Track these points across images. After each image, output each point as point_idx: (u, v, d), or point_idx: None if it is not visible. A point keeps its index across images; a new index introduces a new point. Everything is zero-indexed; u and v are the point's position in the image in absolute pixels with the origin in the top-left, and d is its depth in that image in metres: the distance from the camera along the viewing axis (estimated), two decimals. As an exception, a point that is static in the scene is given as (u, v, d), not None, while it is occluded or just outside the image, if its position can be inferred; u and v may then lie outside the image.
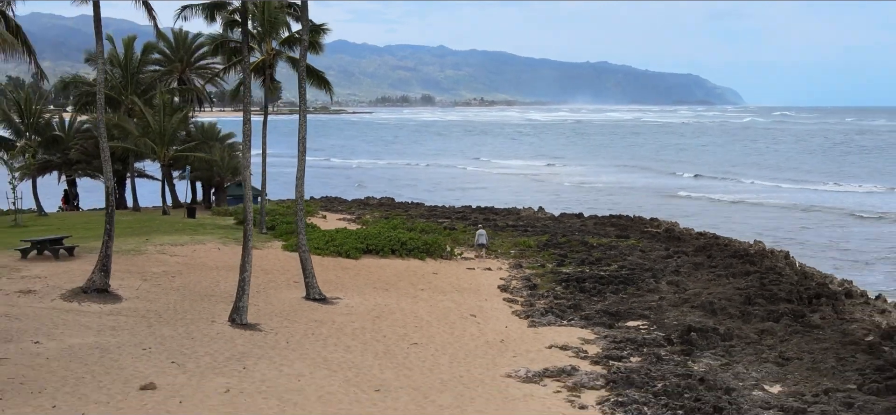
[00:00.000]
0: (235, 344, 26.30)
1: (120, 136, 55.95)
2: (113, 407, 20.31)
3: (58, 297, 29.57)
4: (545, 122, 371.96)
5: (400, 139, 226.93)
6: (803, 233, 64.21)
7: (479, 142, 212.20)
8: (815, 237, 61.68)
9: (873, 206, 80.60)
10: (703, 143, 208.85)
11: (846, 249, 56.88)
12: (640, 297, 37.37)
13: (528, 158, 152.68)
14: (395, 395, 22.77)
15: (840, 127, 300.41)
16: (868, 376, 26.62)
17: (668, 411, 22.87)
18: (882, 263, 52.38)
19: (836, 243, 59.30)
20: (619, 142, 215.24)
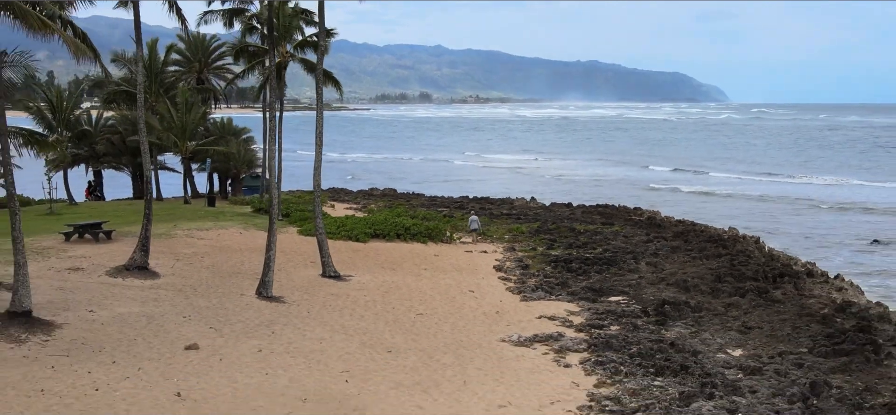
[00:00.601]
0: (263, 313, 28.70)
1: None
2: (164, 363, 22.71)
3: (103, 273, 31.92)
4: (534, 118, 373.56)
5: (396, 135, 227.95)
6: (774, 221, 66.50)
7: (471, 137, 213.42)
8: (785, 226, 63.89)
9: (835, 196, 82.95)
10: (679, 138, 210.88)
11: (811, 236, 59.24)
12: (621, 276, 39.74)
13: (515, 152, 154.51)
14: (405, 355, 25.21)
15: (813, 123, 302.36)
16: (819, 342, 29.08)
17: (641, 369, 25.34)
18: (844, 248, 54.76)
19: (804, 231, 61.61)
20: (602, 137, 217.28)
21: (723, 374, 25.31)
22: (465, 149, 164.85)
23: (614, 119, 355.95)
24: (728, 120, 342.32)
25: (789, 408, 22.54)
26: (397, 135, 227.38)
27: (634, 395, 23.23)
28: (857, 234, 60.21)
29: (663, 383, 24.29)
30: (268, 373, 22.65)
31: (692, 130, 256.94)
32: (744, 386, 24.35)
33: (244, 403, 20.38)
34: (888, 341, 29.38)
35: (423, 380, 23.18)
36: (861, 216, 69.43)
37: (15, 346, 22.85)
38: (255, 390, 21.27)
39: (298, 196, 61.55)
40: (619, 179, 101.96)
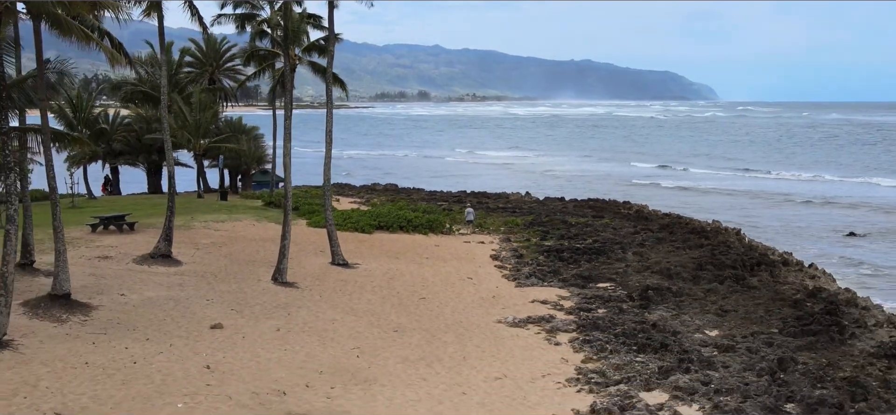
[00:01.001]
0: (279, 297, 30.42)
1: (160, 128, 59.70)
2: (192, 340, 24.44)
3: (130, 261, 33.61)
4: (525, 116, 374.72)
5: (392, 133, 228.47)
6: (756, 215, 68.16)
7: (465, 135, 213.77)
8: (766, 219, 65.46)
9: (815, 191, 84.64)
10: (666, 135, 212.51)
11: (791, 229, 60.94)
12: (609, 264, 41.47)
13: (506, 149, 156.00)
14: (410, 334, 26.96)
15: (795, 120, 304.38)
16: (788, 323, 30.87)
17: (624, 347, 27.11)
18: (822, 240, 56.42)
19: (784, 223, 63.36)
20: (590, 134, 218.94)
21: (699, 351, 27.07)
22: (459, 146, 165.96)
23: (603, 116, 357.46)
24: (713, 118, 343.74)
25: (757, 381, 24.29)
26: (393, 132, 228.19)
27: (618, 369, 24.98)
28: (835, 227, 61.86)
29: (644, 359, 26.05)
30: (286, 349, 24.39)
31: (678, 127, 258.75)
32: (718, 362, 26.12)
33: (267, 374, 22.10)
34: (853, 323, 31.21)
35: (427, 355, 24.93)
36: (839, 210, 71.11)
37: (58, 324, 24.57)
38: (275, 364, 23.00)
39: (305, 191, 63.12)
40: (606, 175, 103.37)
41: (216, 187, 65.37)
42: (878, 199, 78.08)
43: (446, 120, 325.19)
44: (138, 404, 19.52)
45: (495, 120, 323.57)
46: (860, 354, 27.65)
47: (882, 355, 27.27)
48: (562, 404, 21.75)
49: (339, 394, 21.21)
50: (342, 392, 21.36)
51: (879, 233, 59.41)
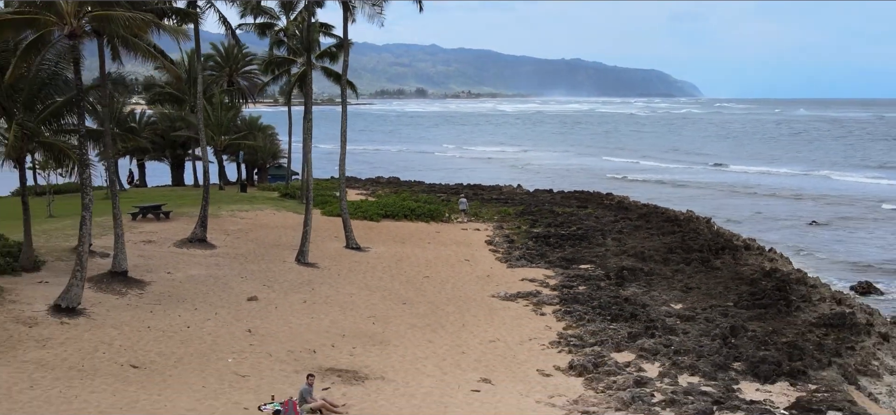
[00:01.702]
0: (303, 275, 33.53)
1: (184, 127, 62.69)
2: (234, 310, 27.57)
3: (171, 245, 36.65)
4: (512, 112, 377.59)
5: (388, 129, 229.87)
6: (727, 205, 71.01)
7: (456, 131, 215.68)
8: (736, 210, 68.45)
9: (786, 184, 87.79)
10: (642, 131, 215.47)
11: (758, 218, 63.90)
12: (590, 248, 44.55)
13: (492, 144, 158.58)
14: (417, 305, 30.12)
15: (766, 117, 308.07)
16: (743, 298, 34.11)
17: (600, 317, 30.29)
18: (786, 228, 59.36)
19: (753, 213, 66.36)
20: (572, 130, 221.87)
21: (664, 320, 30.28)
22: (451, 141, 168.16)
23: (587, 113, 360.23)
24: (688, 114, 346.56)
25: (711, 344, 27.49)
26: (389, 128, 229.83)
27: (593, 335, 28.16)
28: (799, 216, 64.87)
29: (616, 327, 29.22)
30: (313, 317, 27.54)
31: (656, 123, 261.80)
32: (679, 329, 29.32)
33: (298, 337, 25.25)
34: (800, 298, 34.45)
35: (432, 323, 28.09)
36: (804, 202, 73.84)
37: (119, 297, 27.68)
38: (305, 329, 26.15)
39: (316, 182, 65.97)
40: (587, 169, 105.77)
41: (234, 180, 68.29)
42: (840, 190, 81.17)
43: (439, 116, 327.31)
44: (196, 358, 22.67)
45: (485, 116, 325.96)
46: (802, 323, 30.91)
47: (821, 325, 30.56)
48: (545, 362, 24.91)
49: (360, 352, 24.37)
50: (362, 351, 24.52)
51: (840, 221, 62.57)
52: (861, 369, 26.81)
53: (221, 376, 21.55)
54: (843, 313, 31.77)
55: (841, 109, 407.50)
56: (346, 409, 19.84)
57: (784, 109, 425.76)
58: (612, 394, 22.48)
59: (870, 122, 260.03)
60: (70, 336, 23.27)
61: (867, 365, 27.31)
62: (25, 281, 27.96)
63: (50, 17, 23.58)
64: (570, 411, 21.04)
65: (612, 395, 22.41)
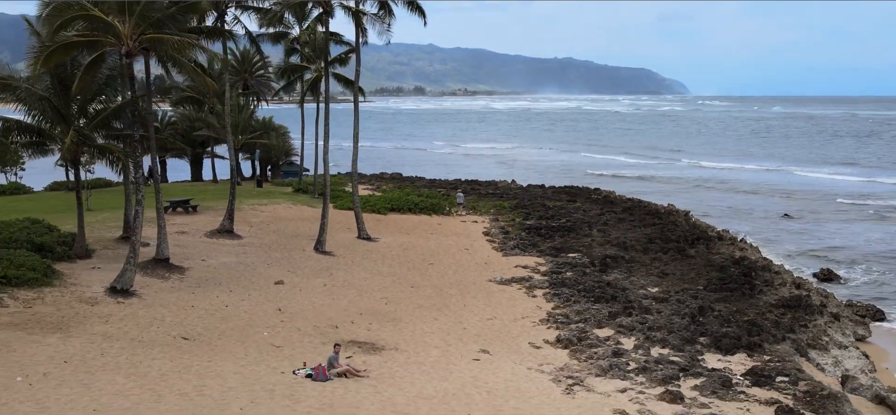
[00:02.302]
0: (321, 262, 36.28)
1: (203, 127, 65.29)
2: (264, 292, 30.33)
3: (202, 235, 39.35)
4: (503, 110, 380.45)
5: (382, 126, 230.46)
6: (706, 199, 73.77)
7: (449, 128, 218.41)
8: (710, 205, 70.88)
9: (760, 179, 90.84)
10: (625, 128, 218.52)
11: (734, 212, 66.74)
12: (577, 239, 47.26)
13: (482, 141, 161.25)
14: (423, 288, 32.88)
15: (743, 114, 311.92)
16: (712, 282, 36.87)
17: (584, 298, 33.05)
18: (759, 220, 62.21)
19: (731, 207, 69.20)
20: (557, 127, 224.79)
21: (640, 301, 33.02)
22: (442, 139, 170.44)
23: (573, 110, 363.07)
24: (669, 112, 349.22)
25: (681, 321, 30.27)
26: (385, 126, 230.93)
27: (578, 313, 30.93)
28: (774, 210, 67.61)
29: (599, 307, 31.98)
30: (333, 298, 30.31)
31: (640, 121, 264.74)
32: (653, 309, 32.09)
33: (322, 314, 28.02)
34: (763, 283, 37.28)
35: (437, 304, 30.86)
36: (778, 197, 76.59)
37: (163, 280, 30.42)
38: (327, 308, 28.92)
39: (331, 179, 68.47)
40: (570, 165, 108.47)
41: (249, 176, 70.99)
42: (812, 186, 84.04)
43: (433, 114, 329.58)
44: (236, 332, 25.43)
45: (478, 114, 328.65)
46: (763, 304, 33.70)
47: (779, 306, 33.37)
48: (535, 336, 27.69)
49: (376, 328, 27.14)
50: (378, 327, 27.29)
51: (810, 214, 65.39)
52: (811, 344, 29.61)
53: (259, 347, 24.31)
54: (800, 296, 34.60)
55: (816, 107, 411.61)
56: (367, 373, 22.58)
57: (762, 106, 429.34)
58: (592, 362, 25.25)
59: (841, 119, 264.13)
60: (127, 313, 26.03)
61: (817, 340, 30.12)
62: (80, 267, 30.68)
63: (110, 39, 26.28)
64: (557, 376, 23.78)
65: (592, 363, 25.18)
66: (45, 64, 25.56)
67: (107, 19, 25.66)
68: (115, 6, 25.88)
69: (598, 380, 23.45)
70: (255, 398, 19.99)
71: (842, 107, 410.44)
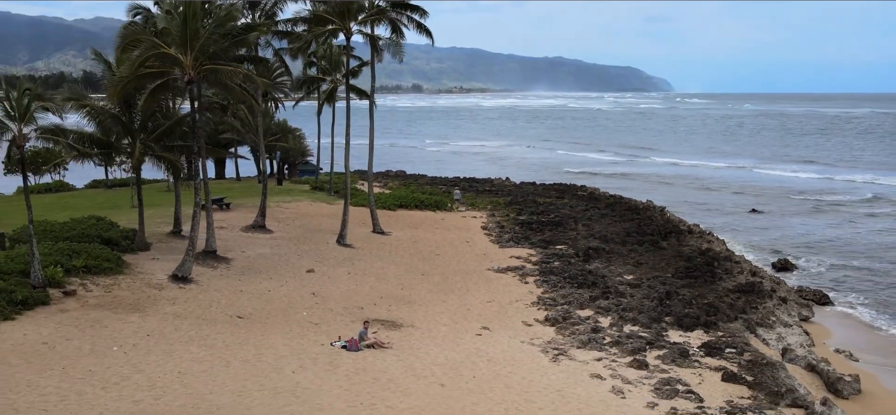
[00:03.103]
0: (344, 253, 40.09)
1: (228, 129, 68.89)
2: (298, 279, 34.17)
3: (238, 230, 43.12)
4: (492, 107, 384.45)
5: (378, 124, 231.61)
6: (678, 195, 77.38)
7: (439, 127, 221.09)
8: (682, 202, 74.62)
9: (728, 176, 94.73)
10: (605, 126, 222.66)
11: (706, 207, 70.52)
12: (564, 232, 51.07)
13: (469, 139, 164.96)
14: (431, 276, 36.73)
15: (715, 111, 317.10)
16: (680, 271, 40.75)
17: (569, 284, 36.90)
18: (729, 215, 65.90)
19: (703, 203, 72.97)
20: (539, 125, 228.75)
21: (617, 287, 36.89)
22: (432, 136, 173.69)
23: (558, 108, 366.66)
24: (647, 110, 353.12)
25: (650, 304, 34.11)
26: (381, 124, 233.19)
27: (563, 297, 34.82)
28: (745, 205, 71.19)
29: (581, 292, 35.83)
30: (357, 284, 34.17)
31: (620, 118, 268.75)
32: (628, 293, 35.95)
33: (349, 298, 31.89)
34: (723, 271, 41.13)
35: (444, 289, 34.72)
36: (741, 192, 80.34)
37: (213, 269, 34.23)
38: (352, 292, 32.78)
39: (339, 176, 72.23)
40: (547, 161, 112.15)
41: (268, 174, 74.59)
42: (778, 183, 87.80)
43: (426, 112, 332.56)
44: (280, 311, 29.30)
45: (468, 111, 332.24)
46: (722, 290, 37.58)
47: (736, 291, 37.29)
48: (527, 316, 31.57)
49: (394, 308, 31.03)
50: (396, 308, 31.17)
51: (774, 208, 69.21)
52: (760, 323, 33.53)
53: (300, 324, 28.19)
54: (754, 283, 38.53)
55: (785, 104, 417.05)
56: (390, 345, 26.46)
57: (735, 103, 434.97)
58: (574, 337, 29.16)
59: (803, 116, 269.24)
60: (189, 297, 29.90)
61: (765, 320, 34.05)
62: (142, 258, 34.47)
63: (175, 70, 30.06)
64: (545, 348, 27.67)
65: (574, 338, 29.09)
66: (122, 91, 29.33)
67: (174, 54, 29.43)
68: (178, 40, 29.62)
69: (578, 351, 27.33)
70: (303, 364, 23.88)
71: (812, 104, 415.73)
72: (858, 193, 78.50)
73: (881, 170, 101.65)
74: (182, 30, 29.05)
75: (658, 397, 23.58)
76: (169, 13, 30.48)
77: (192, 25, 29.13)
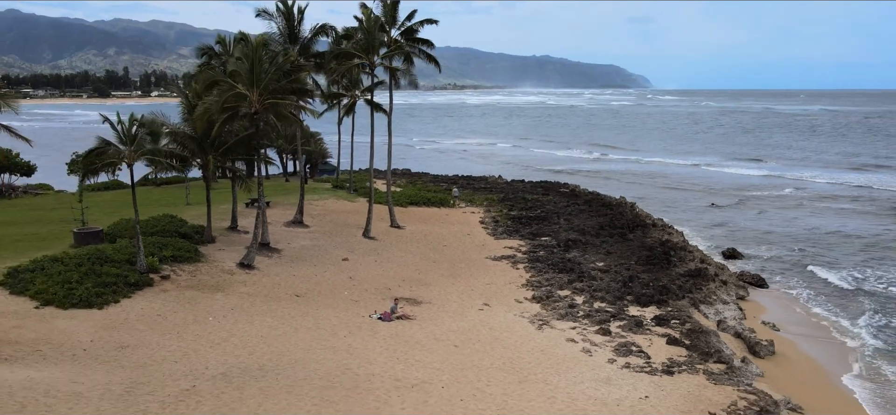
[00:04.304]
0: (369, 245, 46.03)
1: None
2: (336, 266, 40.15)
3: (281, 225, 48.98)
4: (475, 104, 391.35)
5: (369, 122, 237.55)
6: (646, 192, 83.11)
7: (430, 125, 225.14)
8: (661, 195, 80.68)
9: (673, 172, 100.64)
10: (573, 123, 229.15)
11: (671, 201, 76.28)
12: (548, 226, 56.96)
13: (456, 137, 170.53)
14: (441, 263, 42.73)
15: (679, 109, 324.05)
16: (642, 259, 46.74)
17: (552, 270, 42.94)
18: (691, 210, 71.46)
19: (669, 198, 78.72)
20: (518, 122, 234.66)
21: (590, 271, 42.90)
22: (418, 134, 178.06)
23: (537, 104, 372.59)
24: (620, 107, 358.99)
25: (616, 285, 40.12)
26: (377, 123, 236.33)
27: (547, 280, 40.85)
28: (704, 200, 76.86)
29: (561, 276, 41.83)
30: (383, 269, 40.18)
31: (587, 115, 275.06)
32: (598, 277, 41.96)
33: (378, 281, 37.90)
34: (678, 259, 47.06)
35: (452, 273, 40.73)
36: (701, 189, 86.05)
37: (269, 258, 40.16)
38: (380, 276, 38.79)
39: (355, 175, 78.05)
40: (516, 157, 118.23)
41: (291, 172, 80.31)
42: (734, 180, 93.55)
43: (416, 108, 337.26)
44: (327, 291, 35.33)
45: (455, 108, 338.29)
46: (675, 274, 43.54)
47: (686, 275, 43.27)
48: (518, 295, 37.58)
49: (414, 288, 37.07)
50: (415, 288, 37.21)
51: (736, 203, 74.86)
52: (702, 300, 39.54)
53: (344, 301, 34.21)
54: (701, 268, 44.56)
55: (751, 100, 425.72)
56: (415, 317, 32.49)
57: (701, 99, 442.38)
58: (555, 311, 35.23)
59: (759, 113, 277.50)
60: (255, 280, 35.90)
61: (707, 298, 40.04)
62: (211, 249, 40.38)
63: (243, 104, 35.99)
64: (532, 319, 33.72)
65: (555, 311, 35.16)
66: (200, 120, 35.28)
67: (244, 91, 35.38)
68: (246, 80, 35.54)
69: (558, 322, 33.40)
70: (351, 331, 29.93)
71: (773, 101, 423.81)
72: (808, 189, 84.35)
73: (828, 168, 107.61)
74: (250, 73, 34.99)
75: (617, 355, 29.69)
76: (239, 59, 36.38)
77: (257, 69, 35.05)
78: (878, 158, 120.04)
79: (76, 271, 31.89)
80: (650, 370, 28.37)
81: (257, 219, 38.48)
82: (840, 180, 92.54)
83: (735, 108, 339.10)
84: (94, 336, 27.05)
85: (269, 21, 50.01)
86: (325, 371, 25.27)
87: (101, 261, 33.46)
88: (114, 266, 33.10)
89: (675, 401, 25.20)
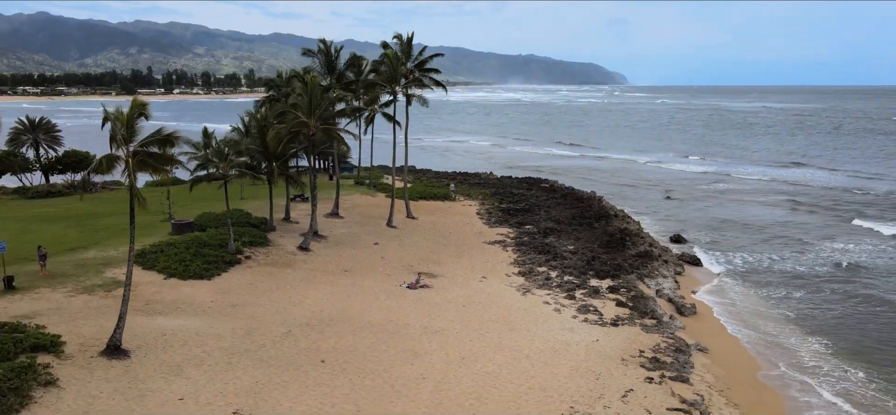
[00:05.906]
0: (392, 233, 54.42)
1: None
2: (368, 248, 48.61)
3: (322, 216, 57.33)
4: (457, 100, 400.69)
5: None
6: (615, 187, 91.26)
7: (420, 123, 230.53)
8: (624, 190, 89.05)
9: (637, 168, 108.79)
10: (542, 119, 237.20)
11: (631, 193, 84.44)
12: (531, 216, 65.43)
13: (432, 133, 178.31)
14: (448, 246, 51.19)
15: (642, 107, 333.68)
16: (603, 243, 55.23)
17: (533, 252, 51.47)
18: (649, 201, 79.47)
19: (631, 191, 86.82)
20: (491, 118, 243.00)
21: (562, 253, 51.45)
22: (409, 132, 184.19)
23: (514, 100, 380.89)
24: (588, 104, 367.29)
25: (581, 263, 48.62)
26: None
27: (530, 260, 49.40)
28: (661, 192, 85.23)
29: (540, 257, 50.32)
30: (406, 251, 48.64)
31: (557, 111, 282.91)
32: (569, 256, 50.51)
33: (403, 259, 46.36)
34: (631, 243, 55.55)
35: (457, 254, 49.19)
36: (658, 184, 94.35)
37: (319, 243, 48.47)
38: (405, 256, 47.25)
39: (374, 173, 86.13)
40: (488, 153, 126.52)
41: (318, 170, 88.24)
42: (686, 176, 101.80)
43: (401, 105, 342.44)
44: (366, 267, 43.85)
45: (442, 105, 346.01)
46: (628, 255, 52.05)
47: (636, 256, 51.76)
48: (508, 270, 46.09)
49: (431, 266, 45.58)
50: (431, 266, 45.71)
51: (690, 196, 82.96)
52: (646, 275, 48.03)
53: (380, 275, 42.71)
54: (649, 251, 53.13)
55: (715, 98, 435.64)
56: (432, 286, 40.96)
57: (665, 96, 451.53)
58: (535, 282, 43.77)
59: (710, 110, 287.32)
60: (312, 259, 44.34)
61: (651, 273, 48.58)
62: (274, 237, 48.72)
63: (303, 128, 44.43)
64: (519, 288, 42.24)
65: (535, 282, 43.72)
66: (273, 141, 43.71)
67: (305, 119, 43.80)
68: (306, 110, 43.96)
69: (537, 290, 41.97)
70: (388, 295, 38.47)
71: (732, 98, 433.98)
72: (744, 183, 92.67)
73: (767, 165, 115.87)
74: (309, 105, 43.43)
75: (578, 313, 38.30)
76: (300, 95, 44.81)
77: (315, 101, 43.49)
78: (792, 155, 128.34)
79: (186, 252, 40.35)
80: (602, 323, 36.96)
81: (313, 213, 46.90)
82: (766, 176, 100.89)
83: (688, 105, 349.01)
84: (211, 299, 35.54)
85: (313, 58, 58.26)
86: (376, 321, 33.85)
87: (201, 245, 41.90)
88: (211, 249, 41.54)
89: (617, 343, 33.79)
